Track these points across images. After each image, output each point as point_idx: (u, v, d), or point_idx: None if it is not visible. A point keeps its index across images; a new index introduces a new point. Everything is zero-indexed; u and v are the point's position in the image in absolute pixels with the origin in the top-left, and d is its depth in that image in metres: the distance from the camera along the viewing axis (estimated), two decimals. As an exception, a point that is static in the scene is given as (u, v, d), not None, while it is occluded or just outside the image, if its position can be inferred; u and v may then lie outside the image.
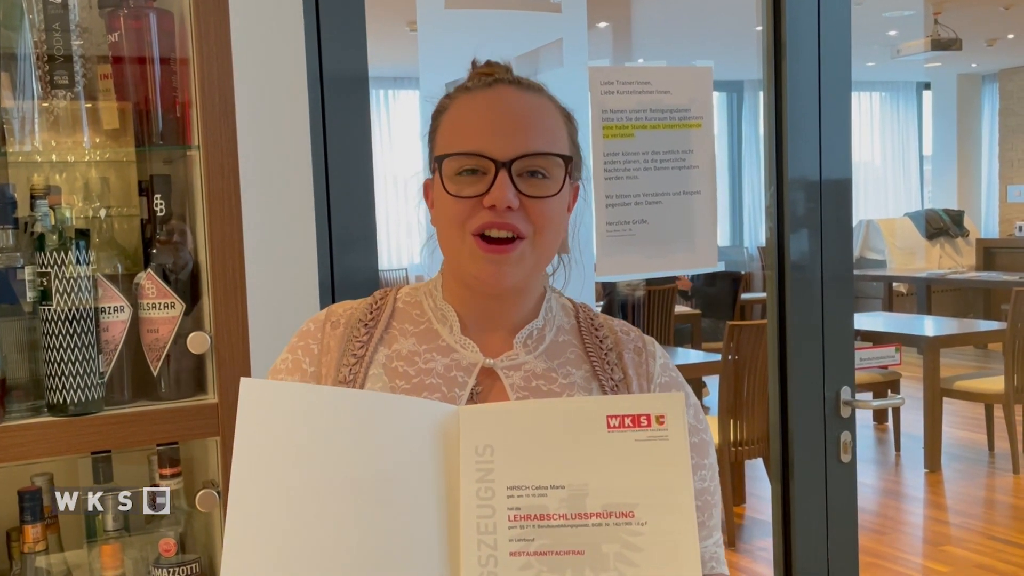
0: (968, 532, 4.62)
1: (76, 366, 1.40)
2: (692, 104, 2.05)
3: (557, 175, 1.08)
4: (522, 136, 1.07)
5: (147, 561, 1.51)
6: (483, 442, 0.96)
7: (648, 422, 0.95)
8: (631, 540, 0.92)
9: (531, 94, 1.11)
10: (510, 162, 1.05)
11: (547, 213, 1.08)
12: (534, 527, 0.93)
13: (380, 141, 8.44)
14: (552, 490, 0.94)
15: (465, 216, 1.07)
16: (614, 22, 5.22)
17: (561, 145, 1.11)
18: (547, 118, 1.11)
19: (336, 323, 1.16)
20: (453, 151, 1.08)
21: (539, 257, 1.10)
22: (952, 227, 10.20)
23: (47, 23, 1.44)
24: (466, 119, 1.10)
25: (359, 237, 1.80)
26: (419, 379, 1.11)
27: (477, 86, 1.12)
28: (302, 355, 1.15)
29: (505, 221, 1.05)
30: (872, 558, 4.23)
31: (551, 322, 1.18)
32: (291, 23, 1.70)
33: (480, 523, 0.93)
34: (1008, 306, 5.52)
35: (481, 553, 0.92)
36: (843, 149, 2.21)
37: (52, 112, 1.46)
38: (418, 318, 1.17)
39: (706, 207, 2.09)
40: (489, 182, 1.05)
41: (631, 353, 1.18)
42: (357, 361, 1.12)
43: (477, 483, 0.94)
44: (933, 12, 7.40)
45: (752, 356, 4.28)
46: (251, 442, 0.92)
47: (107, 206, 1.56)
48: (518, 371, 1.13)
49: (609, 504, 0.93)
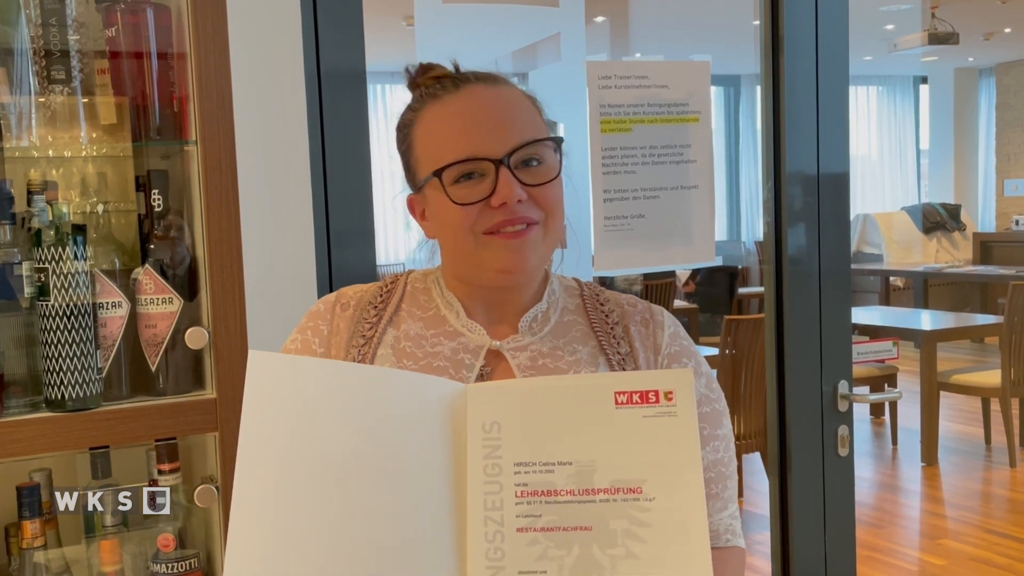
0: (964, 525, 4.63)
1: (74, 362, 1.40)
2: (690, 98, 2.05)
3: (550, 158, 1.09)
4: (509, 129, 1.07)
5: (146, 556, 1.51)
6: (490, 419, 0.96)
7: (656, 398, 0.95)
8: (639, 516, 0.92)
9: (499, 87, 1.12)
10: (507, 157, 1.06)
11: (553, 196, 1.09)
12: (541, 503, 0.93)
13: (378, 136, 8.42)
14: (559, 466, 0.94)
15: (474, 221, 1.07)
16: (612, 16, 5.22)
17: (543, 129, 1.11)
18: (521, 106, 1.11)
19: (346, 305, 1.17)
20: (447, 161, 1.07)
21: (551, 240, 1.11)
22: (949, 221, 10.21)
23: (44, 18, 1.44)
24: (446, 126, 1.09)
25: (357, 232, 1.80)
26: (427, 361, 1.12)
27: (444, 91, 1.11)
28: (311, 335, 1.16)
29: (518, 215, 1.06)
30: (869, 551, 4.24)
31: (555, 304, 1.18)
32: (288, 18, 1.70)
33: (487, 499, 0.93)
34: (1005, 300, 5.53)
35: (488, 529, 0.92)
36: (840, 143, 2.21)
37: (49, 107, 1.46)
38: (426, 303, 1.17)
39: (704, 201, 2.09)
40: (491, 182, 1.05)
41: (637, 325, 1.18)
42: (366, 342, 1.13)
43: (484, 459, 0.94)
44: (930, 6, 7.40)
45: (749, 350, 4.29)
46: (259, 414, 0.92)
47: (104, 201, 1.56)
48: (524, 351, 1.14)
49: (617, 480, 0.93)
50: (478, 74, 1.13)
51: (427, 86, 1.13)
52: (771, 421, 2.24)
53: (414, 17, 1.85)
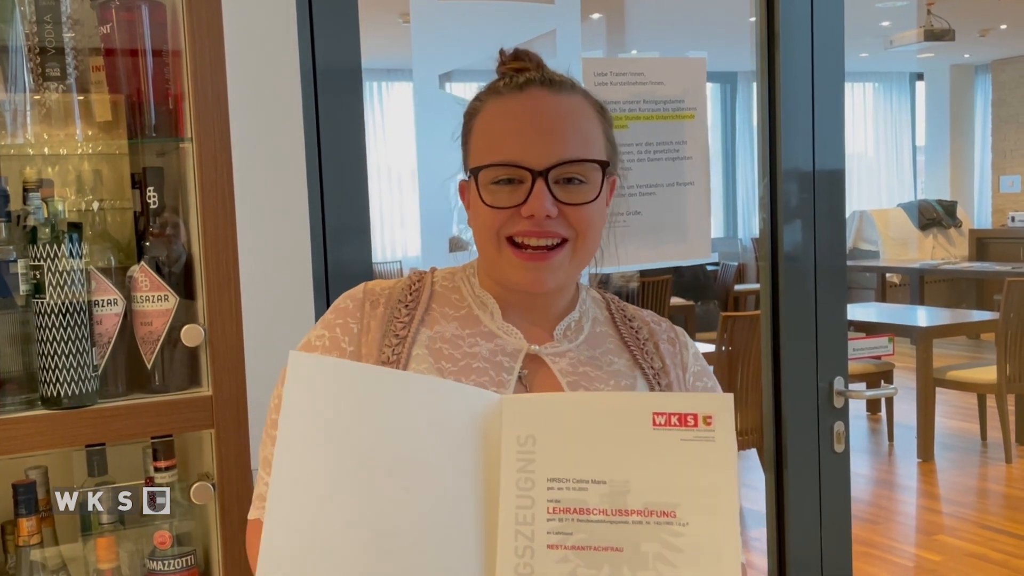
0: (960, 521, 4.64)
1: (70, 359, 1.40)
2: (686, 95, 2.05)
3: (595, 179, 1.07)
4: (557, 143, 1.05)
5: (142, 554, 1.51)
6: (525, 432, 0.95)
7: (695, 422, 0.94)
8: (671, 540, 0.91)
9: (564, 95, 1.09)
10: (546, 171, 1.04)
11: (587, 218, 1.07)
12: (573, 521, 0.92)
13: (374, 133, 8.42)
14: (593, 484, 0.93)
15: (501, 224, 1.06)
16: (608, 13, 5.22)
17: (597, 147, 1.09)
18: (581, 120, 1.09)
19: (376, 303, 1.14)
20: (487, 162, 1.06)
21: (579, 261, 1.10)
22: (945, 218, 10.21)
23: (38, 15, 1.43)
24: (498, 126, 1.08)
25: (353, 229, 1.80)
26: (465, 362, 1.10)
27: (508, 88, 1.10)
28: (340, 333, 1.13)
29: (545, 230, 1.05)
30: (865, 547, 4.25)
31: (587, 314, 1.18)
32: (284, 15, 1.69)
33: (519, 513, 0.92)
34: (1001, 296, 5.54)
35: (518, 544, 0.91)
36: (836, 140, 2.21)
37: (44, 105, 1.46)
38: (458, 303, 1.16)
39: (700, 198, 2.09)
40: (526, 192, 1.04)
41: (666, 343, 1.19)
42: (400, 342, 1.11)
43: (518, 473, 0.93)
44: (926, 3, 7.40)
45: (746, 347, 4.29)
46: (296, 415, 0.92)
47: (100, 199, 1.55)
48: (563, 358, 1.13)
49: (651, 502, 0.92)
50: (547, 76, 1.10)
51: (502, 75, 1.12)
52: (767, 417, 2.25)
53: (410, 14, 1.85)
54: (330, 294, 1.77)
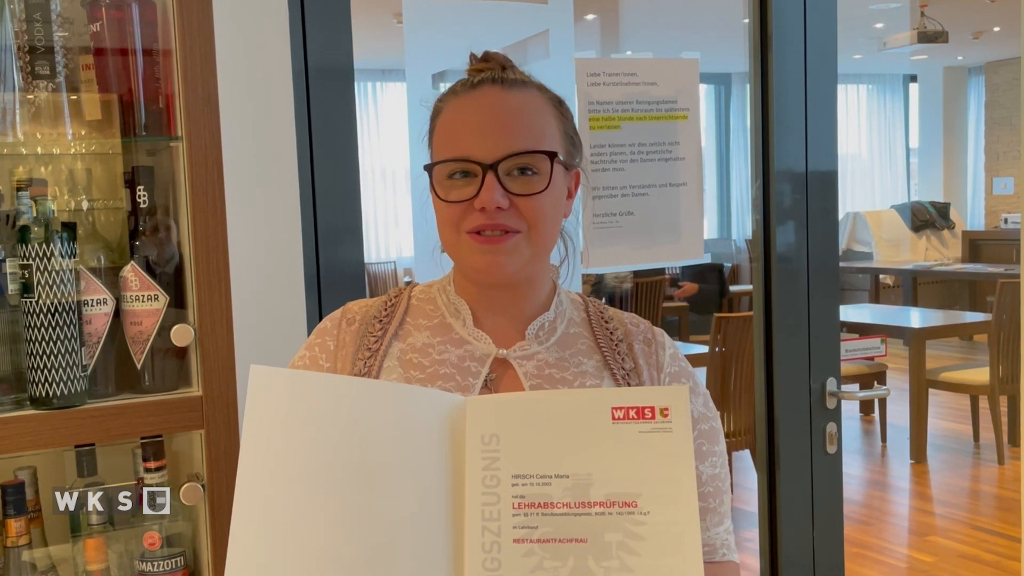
0: (953, 522, 4.65)
1: (59, 359, 1.40)
2: (679, 96, 2.05)
3: (546, 170, 1.09)
4: (506, 137, 1.08)
5: (132, 555, 1.51)
6: (489, 431, 0.97)
7: (652, 414, 0.96)
8: (634, 529, 0.93)
9: (515, 91, 1.12)
10: (496, 164, 1.07)
11: (538, 209, 1.09)
12: (538, 515, 0.94)
13: (367, 134, 8.41)
14: (556, 479, 0.95)
15: (458, 218, 1.09)
16: (601, 14, 5.22)
17: (549, 140, 1.11)
18: (531, 114, 1.11)
19: (352, 320, 1.19)
20: (440, 158, 1.11)
21: (536, 249, 1.11)
22: (938, 219, 10.24)
23: (28, 13, 1.43)
24: (453, 124, 1.12)
25: (345, 230, 1.80)
26: (433, 369, 1.13)
27: (463, 88, 1.13)
28: (319, 352, 1.18)
29: (496, 222, 1.08)
30: (858, 548, 4.26)
31: (562, 315, 1.19)
32: (275, 14, 1.69)
33: (485, 510, 0.94)
34: (993, 298, 5.55)
35: (485, 539, 0.93)
36: (829, 141, 2.21)
37: (34, 103, 1.45)
38: (431, 313, 1.19)
39: (693, 199, 2.09)
40: (478, 185, 1.07)
41: (641, 344, 1.20)
42: (372, 355, 1.15)
43: (483, 471, 0.95)
44: (919, 5, 7.42)
45: (739, 348, 4.29)
46: (260, 428, 0.93)
47: (91, 199, 1.55)
48: (531, 360, 1.15)
49: (612, 494, 0.94)
50: (501, 75, 1.13)
51: (464, 77, 1.15)
52: (760, 418, 2.25)
53: (403, 14, 1.85)
54: (322, 294, 1.76)
